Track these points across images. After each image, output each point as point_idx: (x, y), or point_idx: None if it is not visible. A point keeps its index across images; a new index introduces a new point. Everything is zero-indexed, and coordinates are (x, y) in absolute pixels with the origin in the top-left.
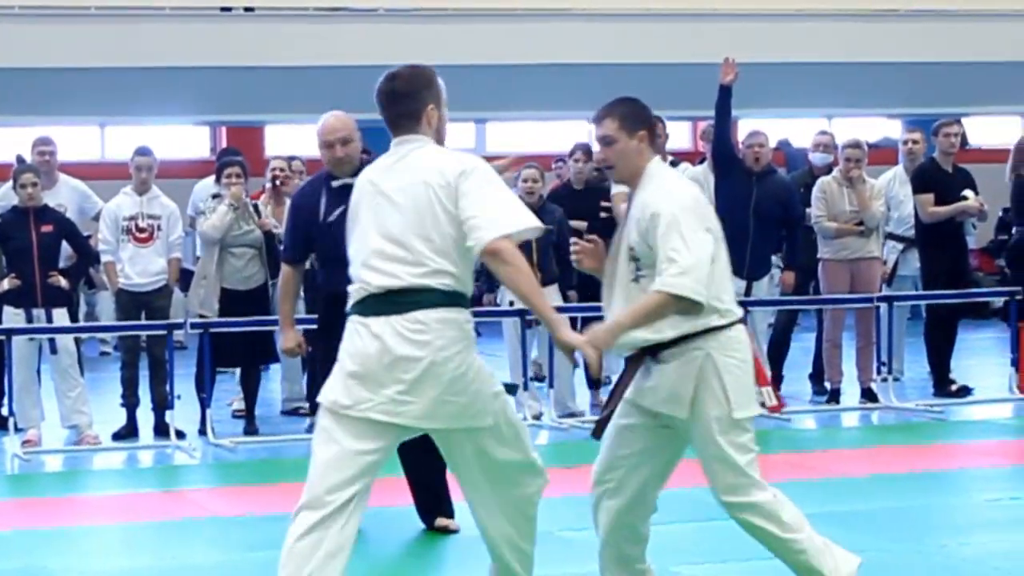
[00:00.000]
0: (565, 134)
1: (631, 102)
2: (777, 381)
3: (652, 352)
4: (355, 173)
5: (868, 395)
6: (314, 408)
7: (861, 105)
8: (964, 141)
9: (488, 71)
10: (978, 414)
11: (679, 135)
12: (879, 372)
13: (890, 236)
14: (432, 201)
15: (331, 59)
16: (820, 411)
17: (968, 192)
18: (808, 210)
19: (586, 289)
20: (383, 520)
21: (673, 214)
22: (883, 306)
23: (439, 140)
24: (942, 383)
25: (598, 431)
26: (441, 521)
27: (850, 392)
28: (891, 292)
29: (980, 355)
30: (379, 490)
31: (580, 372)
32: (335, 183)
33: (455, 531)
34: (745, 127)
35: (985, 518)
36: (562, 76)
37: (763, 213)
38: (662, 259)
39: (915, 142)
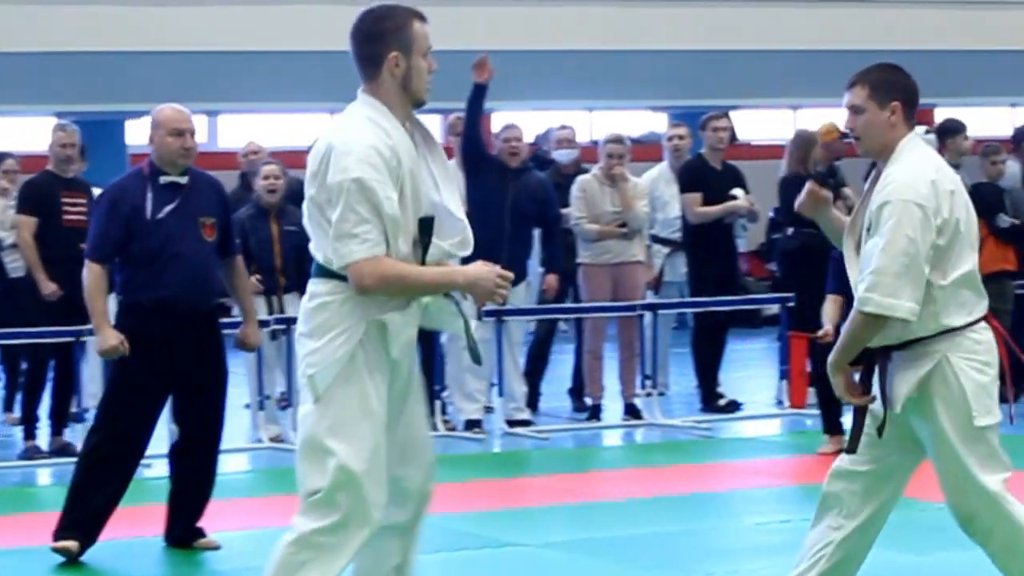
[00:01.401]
0: (306, 127)
1: (890, 69)
2: (534, 397)
3: (885, 352)
4: (185, 172)
5: (631, 411)
6: (29, 431)
7: (624, 96)
8: (733, 136)
9: (220, 58)
10: (748, 430)
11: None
12: (643, 386)
13: (655, 239)
14: None
15: (39, 45)
16: (580, 429)
17: (738, 191)
18: (565, 210)
19: None
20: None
21: (901, 209)
22: (647, 315)
23: (410, 93)
24: (710, 398)
25: (852, 447)
26: (202, 541)
27: (612, 408)
28: (656, 299)
29: (750, 367)
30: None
31: None
32: (163, 179)
33: (218, 547)
34: (499, 120)
35: (754, 543)
36: (297, 64)
37: (520, 213)
38: (873, 260)
39: (680, 137)
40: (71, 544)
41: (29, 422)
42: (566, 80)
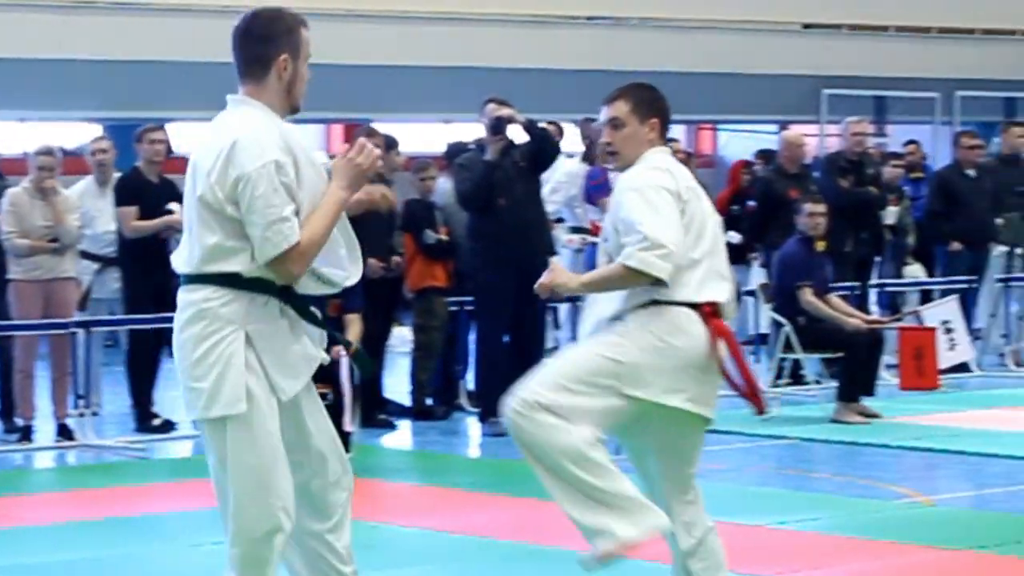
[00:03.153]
0: None
1: (648, 88)
2: None
3: None
4: None
5: (64, 432)
6: None
7: (57, 107)
8: (169, 149)
9: None
10: (182, 450)
11: None
12: (76, 406)
13: (84, 255)
14: None
15: None
16: (11, 451)
17: (174, 205)
18: None
19: None
20: None
21: (645, 187)
22: (80, 332)
23: (291, 98)
24: (145, 417)
25: None
26: None
27: (44, 429)
28: (88, 316)
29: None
30: None
31: None
32: None
33: None
34: None
35: (189, 565)
36: None
37: None
38: (630, 230)
39: (103, 151)
40: None
41: None
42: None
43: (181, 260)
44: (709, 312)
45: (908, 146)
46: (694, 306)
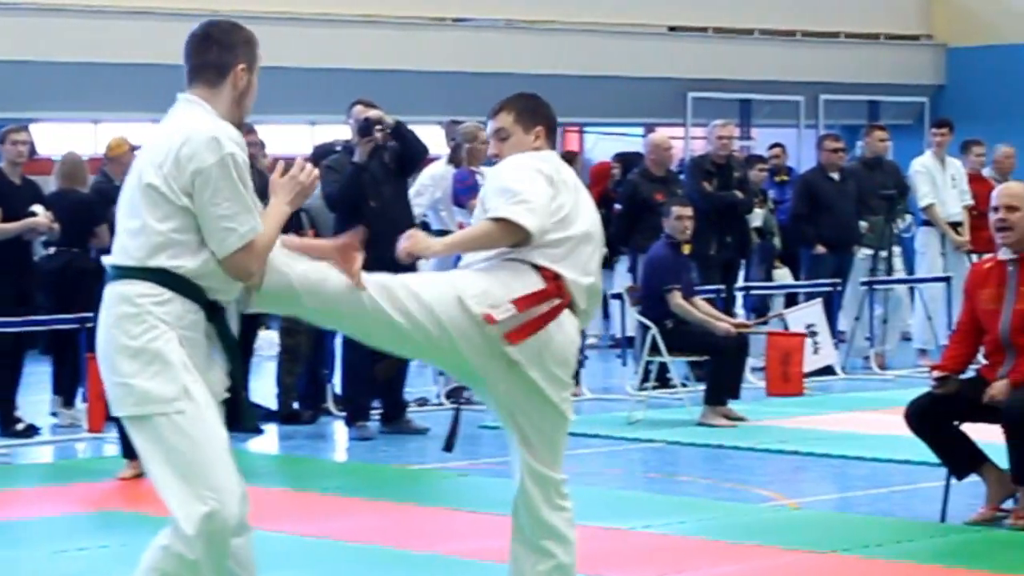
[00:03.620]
0: None
1: (531, 97)
2: None
3: None
4: None
5: None
6: None
7: None
8: (32, 150)
9: None
10: (46, 456)
11: None
12: None
13: None
14: None
15: None
16: None
17: (37, 207)
18: None
19: None
20: None
21: (520, 166)
22: None
23: (241, 109)
24: (8, 422)
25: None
26: None
27: None
28: None
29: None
30: None
31: None
32: None
33: None
34: None
35: (53, 571)
36: None
37: None
38: (500, 193)
39: None
40: None
41: None
42: None
43: (120, 251)
44: (551, 276)
45: (773, 149)
46: (538, 269)
